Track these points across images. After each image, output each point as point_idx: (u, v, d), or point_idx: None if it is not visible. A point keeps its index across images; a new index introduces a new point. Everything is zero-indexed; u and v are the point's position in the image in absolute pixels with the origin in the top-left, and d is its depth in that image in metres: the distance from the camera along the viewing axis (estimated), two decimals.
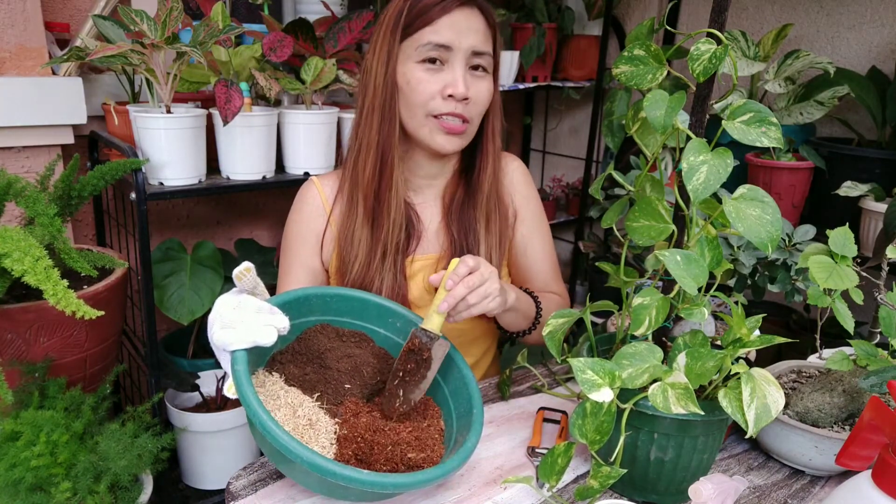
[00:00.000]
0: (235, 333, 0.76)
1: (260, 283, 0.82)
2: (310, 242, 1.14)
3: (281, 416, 0.80)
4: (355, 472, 0.69)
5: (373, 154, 1.07)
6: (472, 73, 1.04)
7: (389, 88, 1.04)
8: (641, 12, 2.39)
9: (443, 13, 1.01)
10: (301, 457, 0.68)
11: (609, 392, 0.73)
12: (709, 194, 0.70)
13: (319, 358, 0.90)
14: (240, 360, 0.75)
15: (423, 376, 0.87)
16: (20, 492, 1.08)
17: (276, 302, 0.85)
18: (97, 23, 1.45)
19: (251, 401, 0.71)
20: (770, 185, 1.57)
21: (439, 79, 1.02)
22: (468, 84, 1.02)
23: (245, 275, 0.79)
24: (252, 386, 0.73)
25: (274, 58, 1.44)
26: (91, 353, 1.32)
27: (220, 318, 0.77)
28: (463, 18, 1.01)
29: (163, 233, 1.91)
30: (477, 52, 1.03)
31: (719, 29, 0.75)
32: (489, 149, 1.12)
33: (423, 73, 1.02)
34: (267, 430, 0.69)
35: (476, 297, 0.92)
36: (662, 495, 0.83)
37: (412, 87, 1.02)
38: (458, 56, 1.02)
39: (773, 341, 0.76)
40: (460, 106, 1.03)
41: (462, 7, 1.01)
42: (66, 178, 1.30)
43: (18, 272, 1.01)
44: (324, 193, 1.14)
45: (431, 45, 1.01)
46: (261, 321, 0.77)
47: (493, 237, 1.14)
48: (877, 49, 1.74)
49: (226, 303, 0.78)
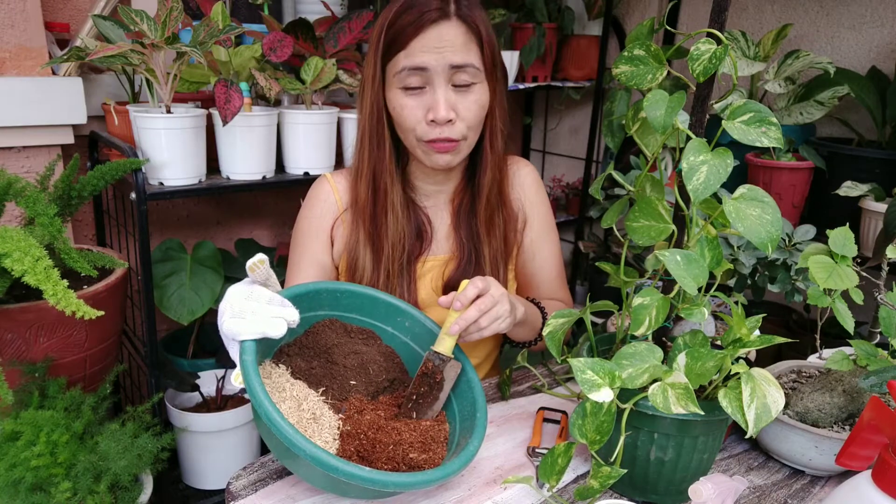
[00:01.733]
0: (245, 323, 0.75)
1: (272, 275, 0.82)
2: (321, 238, 1.14)
3: (285, 409, 0.80)
4: (358, 468, 0.69)
5: (365, 178, 1.09)
6: (458, 87, 1.00)
7: (377, 114, 1.05)
8: (641, 12, 2.39)
9: (416, 34, 0.97)
10: (305, 450, 0.68)
11: (609, 392, 0.73)
12: (709, 194, 0.70)
13: (326, 353, 0.90)
14: (248, 350, 0.75)
15: (435, 398, 0.88)
16: (20, 492, 1.09)
17: (287, 294, 0.85)
18: (97, 23, 1.45)
19: (257, 391, 0.71)
20: (770, 185, 1.57)
21: (422, 103, 1.00)
22: (453, 103, 1.00)
23: (258, 266, 0.79)
24: (259, 376, 0.73)
25: (274, 58, 1.44)
26: (91, 353, 1.32)
27: (230, 307, 0.76)
28: (436, 36, 0.97)
29: (163, 233, 1.91)
30: (455, 66, 0.98)
31: (719, 29, 0.75)
32: (487, 156, 1.09)
33: (405, 98, 1.01)
34: (272, 422, 0.69)
35: (487, 319, 0.91)
36: (662, 495, 0.83)
37: (398, 114, 1.02)
38: (438, 76, 0.98)
39: (773, 341, 0.76)
40: (446, 129, 1.00)
41: (436, 23, 0.97)
42: (66, 178, 1.30)
43: (18, 272, 1.01)
44: (337, 191, 1.15)
45: (407, 71, 0.99)
46: (271, 313, 0.77)
47: (497, 241, 1.14)
48: (877, 49, 1.74)
49: (238, 292, 0.78)
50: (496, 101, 1.06)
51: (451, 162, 1.05)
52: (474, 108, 1.02)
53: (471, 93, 1.01)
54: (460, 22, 0.99)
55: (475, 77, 1.01)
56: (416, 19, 0.97)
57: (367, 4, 1.94)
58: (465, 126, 1.02)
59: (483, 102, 1.03)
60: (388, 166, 1.07)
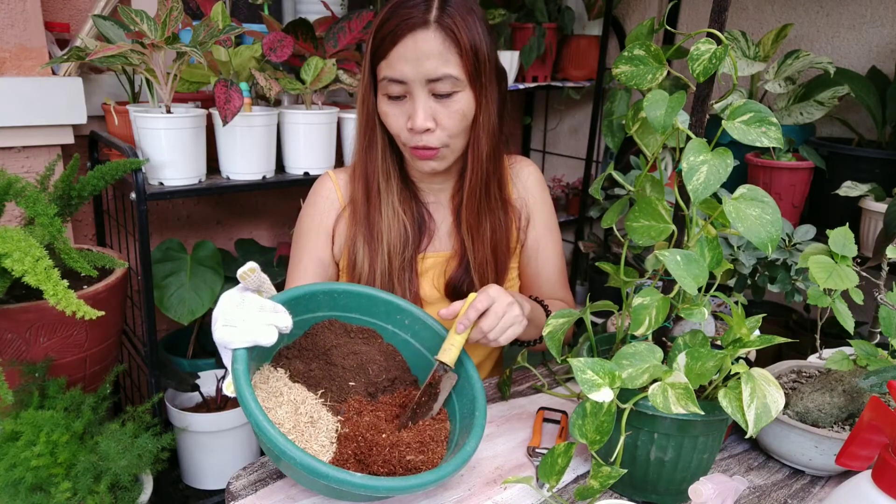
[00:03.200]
0: (236, 332, 0.76)
1: (266, 281, 0.82)
2: (322, 236, 1.14)
3: (282, 413, 0.80)
4: (349, 475, 0.69)
5: (360, 181, 1.10)
6: (438, 98, 0.99)
7: (368, 116, 1.06)
8: (641, 12, 2.39)
9: (393, 44, 0.97)
10: (294, 458, 0.68)
11: (609, 392, 0.73)
12: (709, 194, 0.70)
13: (325, 354, 0.90)
14: (239, 358, 0.75)
15: (430, 408, 0.89)
16: (20, 492, 1.09)
17: (283, 298, 0.85)
18: (97, 23, 1.45)
19: (248, 400, 0.71)
20: (770, 185, 1.57)
21: (404, 111, 1.01)
22: (434, 112, 1.00)
23: (249, 275, 0.79)
24: (250, 385, 0.73)
25: (274, 58, 1.44)
26: (91, 353, 1.32)
27: (222, 315, 0.77)
28: (413, 46, 0.96)
29: (163, 233, 1.91)
30: (432, 79, 0.97)
31: (719, 29, 0.75)
32: (469, 163, 1.07)
33: (389, 107, 1.02)
34: (262, 430, 0.69)
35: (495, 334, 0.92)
36: (662, 495, 0.83)
37: (385, 121, 1.04)
38: (416, 85, 0.98)
39: (773, 341, 0.76)
40: (426, 137, 1.01)
41: (413, 32, 0.96)
42: (66, 178, 1.30)
43: (19, 272, 1.01)
44: (339, 188, 1.15)
45: (387, 81, 1.00)
46: (262, 320, 0.77)
47: (485, 246, 1.13)
48: (877, 49, 1.74)
49: (230, 300, 0.79)
50: (482, 108, 1.02)
51: (437, 168, 1.06)
52: (456, 118, 1.01)
53: (452, 102, 1.00)
54: (439, 30, 0.96)
55: (455, 86, 0.99)
56: (395, 27, 0.97)
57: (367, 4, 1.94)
58: (445, 135, 1.02)
59: (465, 111, 1.01)
60: (380, 167, 1.08)
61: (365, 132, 1.08)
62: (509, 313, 0.92)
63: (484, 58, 1.00)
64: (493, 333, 0.91)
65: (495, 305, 0.91)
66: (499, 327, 0.92)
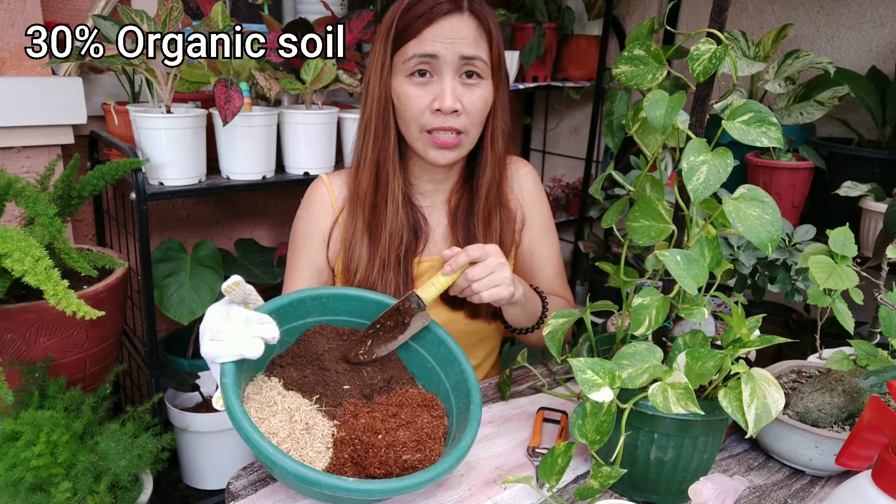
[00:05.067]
0: (223, 346, 0.76)
1: (252, 292, 0.81)
2: (317, 240, 1.14)
3: (277, 423, 0.79)
4: (341, 480, 0.69)
5: (368, 169, 1.08)
6: (465, 81, 1.01)
7: (384, 103, 1.05)
8: (641, 12, 2.39)
9: (428, 24, 0.99)
10: (285, 467, 0.68)
11: (609, 392, 0.73)
12: (709, 194, 0.70)
13: (318, 360, 0.90)
14: (227, 373, 0.75)
15: (394, 337, 0.89)
16: (20, 492, 1.08)
17: (270, 308, 0.85)
18: (97, 23, 1.45)
19: (237, 413, 0.72)
20: (770, 185, 1.57)
21: (428, 92, 1.01)
22: (459, 95, 1.00)
23: (234, 289, 0.78)
24: (239, 398, 0.73)
25: (274, 58, 1.44)
26: (91, 353, 1.32)
27: (209, 329, 0.77)
28: (449, 27, 0.99)
29: (163, 233, 1.91)
30: (466, 57, 0.99)
31: (719, 29, 0.75)
32: (488, 156, 1.10)
33: (411, 87, 1.01)
34: (252, 443, 0.70)
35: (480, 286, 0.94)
36: (662, 495, 0.83)
37: (402, 103, 1.03)
38: (447, 66, 1.00)
39: (773, 341, 0.76)
40: (451, 118, 1.01)
41: (449, 15, 0.99)
42: (66, 178, 1.30)
43: (19, 272, 1.01)
44: (333, 192, 1.15)
45: (417, 58, 0.99)
46: (249, 332, 0.77)
47: (495, 242, 1.13)
48: (877, 49, 1.74)
49: (216, 314, 0.78)
50: (499, 101, 1.07)
51: (453, 159, 1.06)
52: (479, 104, 1.03)
53: (477, 88, 1.03)
54: (472, 17, 1.00)
55: (483, 71, 1.02)
56: (428, 10, 0.99)
57: (367, 4, 1.94)
58: (468, 120, 1.03)
59: (487, 99, 1.04)
60: (391, 156, 1.07)
61: (379, 119, 1.05)
62: (498, 272, 0.94)
63: (502, 53, 1.06)
64: (477, 285, 0.93)
65: (488, 259, 0.94)
66: (485, 280, 0.93)
